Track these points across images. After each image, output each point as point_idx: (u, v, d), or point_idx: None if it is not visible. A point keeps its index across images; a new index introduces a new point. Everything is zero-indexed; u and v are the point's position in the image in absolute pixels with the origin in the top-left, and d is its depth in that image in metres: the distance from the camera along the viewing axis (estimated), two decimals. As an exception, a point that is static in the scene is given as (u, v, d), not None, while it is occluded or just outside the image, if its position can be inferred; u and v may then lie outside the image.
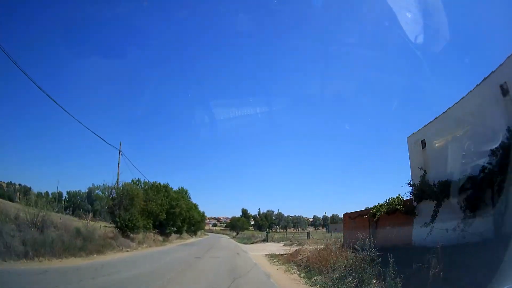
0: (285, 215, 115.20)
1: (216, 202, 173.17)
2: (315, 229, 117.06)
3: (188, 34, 66.63)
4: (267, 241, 40.91)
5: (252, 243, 40.28)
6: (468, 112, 9.77)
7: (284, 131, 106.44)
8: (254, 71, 77.72)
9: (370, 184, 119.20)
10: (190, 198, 49.02)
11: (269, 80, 74.42)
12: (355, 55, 42.25)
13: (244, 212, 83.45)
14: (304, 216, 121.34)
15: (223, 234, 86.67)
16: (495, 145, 7.81)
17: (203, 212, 68.52)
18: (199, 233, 66.02)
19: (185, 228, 43.51)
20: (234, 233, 78.65)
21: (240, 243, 42.33)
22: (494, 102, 8.50)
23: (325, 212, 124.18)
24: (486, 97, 8.93)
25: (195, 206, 55.70)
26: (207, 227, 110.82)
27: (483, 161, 8.17)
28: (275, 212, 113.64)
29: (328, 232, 51.11)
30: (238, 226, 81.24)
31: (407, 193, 12.06)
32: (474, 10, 26.32)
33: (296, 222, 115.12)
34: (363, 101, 53.92)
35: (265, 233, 52.65)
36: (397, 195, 13.01)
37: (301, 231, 77.39)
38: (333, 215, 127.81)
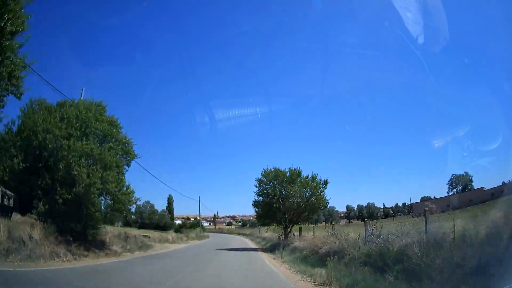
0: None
1: (231, 204, 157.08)
2: (349, 222, 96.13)
3: (188, 34, 67.05)
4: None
5: None
6: None
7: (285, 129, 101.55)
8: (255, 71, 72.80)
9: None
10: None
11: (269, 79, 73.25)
12: (355, 55, 43.62)
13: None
14: (336, 208, 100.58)
15: (239, 235, 61.03)
16: None
17: (130, 144, 18.61)
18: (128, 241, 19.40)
19: None
20: (276, 234, 26.73)
21: None
22: None
23: (346, 205, 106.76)
24: None
25: (114, 122, 18.19)
26: (215, 227, 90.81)
27: None
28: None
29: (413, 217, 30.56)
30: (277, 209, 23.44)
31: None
32: (474, 10, 25.94)
33: (329, 215, 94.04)
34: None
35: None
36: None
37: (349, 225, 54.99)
38: (368, 203, 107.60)
